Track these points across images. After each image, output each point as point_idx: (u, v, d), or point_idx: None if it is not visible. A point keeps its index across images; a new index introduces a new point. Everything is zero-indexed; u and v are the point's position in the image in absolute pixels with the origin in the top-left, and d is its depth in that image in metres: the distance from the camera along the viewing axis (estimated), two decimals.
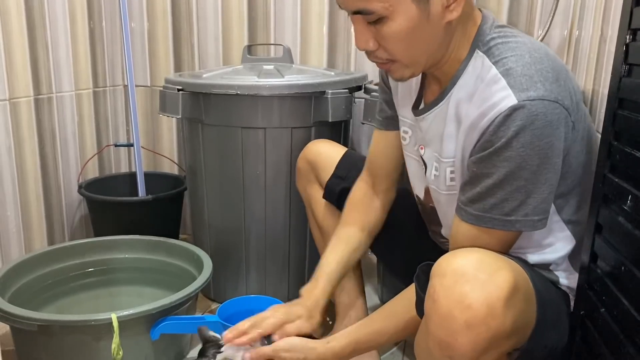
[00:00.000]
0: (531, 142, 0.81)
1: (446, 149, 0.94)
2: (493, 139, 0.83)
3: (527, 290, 0.83)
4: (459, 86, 0.91)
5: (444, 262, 0.81)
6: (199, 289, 1.34)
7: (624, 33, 0.75)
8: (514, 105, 0.80)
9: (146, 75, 2.09)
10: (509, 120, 0.81)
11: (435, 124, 0.96)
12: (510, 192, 0.84)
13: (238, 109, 1.50)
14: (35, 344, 1.25)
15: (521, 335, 0.82)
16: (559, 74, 0.84)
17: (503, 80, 0.83)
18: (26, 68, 1.70)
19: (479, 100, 0.86)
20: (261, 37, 1.95)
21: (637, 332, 0.66)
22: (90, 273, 1.58)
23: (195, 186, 1.67)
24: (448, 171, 0.95)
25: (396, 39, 0.86)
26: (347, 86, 1.54)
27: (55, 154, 1.85)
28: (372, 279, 1.79)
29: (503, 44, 0.88)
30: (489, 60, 0.87)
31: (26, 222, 1.75)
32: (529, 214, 0.85)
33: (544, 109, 0.80)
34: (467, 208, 0.88)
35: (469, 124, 0.87)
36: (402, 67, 0.91)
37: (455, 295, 0.76)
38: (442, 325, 0.78)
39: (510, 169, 0.82)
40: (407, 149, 1.10)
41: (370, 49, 0.88)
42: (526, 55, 0.85)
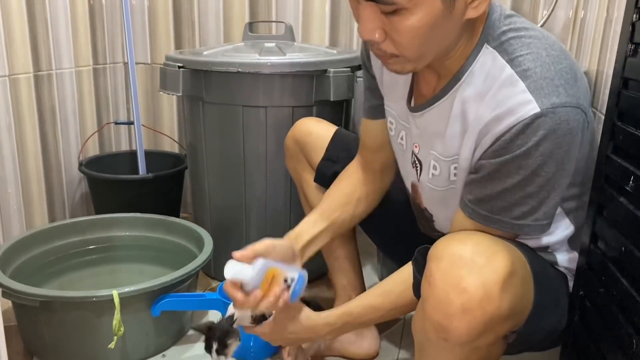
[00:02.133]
0: (551, 151, 0.78)
1: (449, 147, 0.90)
2: (510, 147, 0.79)
3: (525, 274, 0.83)
4: (465, 83, 0.85)
5: (441, 246, 0.81)
6: (199, 266, 1.35)
7: (631, 12, 0.74)
8: (536, 113, 0.76)
9: (146, 53, 2.08)
10: (529, 129, 0.77)
11: (436, 122, 0.91)
12: (522, 197, 0.82)
13: (239, 87, 1.49)
14: (37, 319, 1.26)
15: (518, 319, 0.82)
16: (576, 73, 0.80)
17: (521, 83, 0.78)
18: (25, 44, 1.69)
19: (492, 102, 0.81)
20: (263, 15, 1.93)
21: (636, 312, 0.66)
22: (91, 250, 1.59)
23: (195, 164, 1.67)
24: (452, 168, 0.91)
25: (411, 34, 0.77)
26: (349, 65, 1.53)
27: (56, 131, 1.85)
28: (372, 259, 1.79)
29: (516, 38, 0.81)
30: (501, 58, 0.81)
31: (27, 200, 1.75)
32: (539, 219, 0.83)
33: (566, 116, 0.77)
34: (475, 207, 0.86)
35: (482, 126, 0.82)
36: (405, 61, 0.83)
37: (452, 279, 0.76)
38: (438, 309, 0.78)
39: (526, 175, 0.80)
40: (394, 140, 1.06)
41: (376, 40, 0.80)
42: (543, 53, 0.79)
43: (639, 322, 0.66)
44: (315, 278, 1.72)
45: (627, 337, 0.67)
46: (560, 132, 0.77)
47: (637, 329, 0.66)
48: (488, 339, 0.80)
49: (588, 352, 0.81)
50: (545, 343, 0.94)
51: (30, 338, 1.32)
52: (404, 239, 1.22)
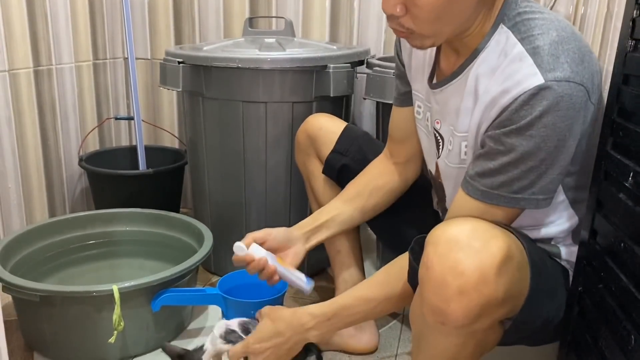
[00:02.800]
0: (553, 124, 0.80)
1: (461, 123, 0.93)
2: (514, 117, 0.81)
3: (521, 260, 0.83)
4: (480, 60, 0.89)
5: (438, 231, 0.82)
6: (199, 261, 1.35)
7: (631, 8, 0.74)
8: (540, 84, 0.79)
9: (146, 48, 2.07)
10: (534, 100, 0.79)
11: (453, 98, 0.94)
12: (524, 171, 0.83)
13: (239, 82, 1.49)
14: (37, 314, 1.26)
15: (514, 303, 0.83)
16: (584, 55, 0.82)
17: (530, 59, 0.81)
18: (25, 39, 1.68)
19: (501, 76, 0.84)
20: (263, 10, 1.93)
21: (634, 308, 0.67)
22: (91, 245, 1.59)
23: (195, 160, 1.67)
24: (463, 145, 0.94)
25: (429, 8, 0.82)
26: (349, 60, 1.53)
27: (56, 126, 1.85)
28: (371, 254, 1.80)
29: (530, 20, 0.85)
30: (514, 37, 0.85)
31: (27, 195, 1.75)
32: (535, 193, 0.85)
33: (569, 90, 0.79)
34: (475, 182, 0.88)
35: (489, 99, 0.86)
36: (422, 37, 0.87)
37: (449, 262, 0.78)
38: (435, 292, 0.79)
39: (528, 148, 0.81)
40: (420, 123, 1.09)
41: (397, 14, 0.84)
42: (553, 33, 0.83)
43: (637, 318, 0.66)
44: (316, 272, 1.72)
45: (626, 332, 0.68)
46: (562, 105, 0.79)
47: (636, 324, 0.66)
48: (485, 322, 0.81)
49: (586, 347, 0.81)
50: (542, 335, 0.94)
51: (30, 333, 1.33)
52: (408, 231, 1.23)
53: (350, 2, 1.85)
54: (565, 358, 0.90)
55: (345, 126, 1.32)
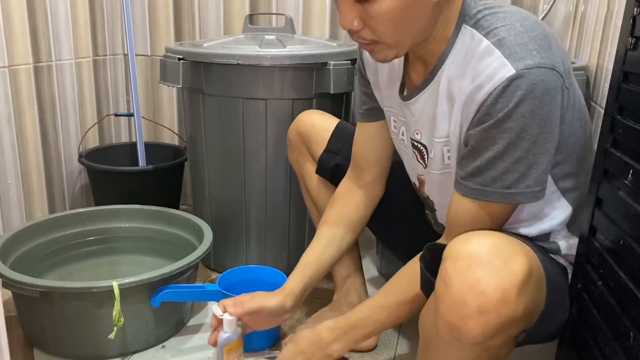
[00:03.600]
0: (531, 112, 0.80)
1: (439, 128, 0.93)
2: (492, 112, 0.82)
3: (539, 275, 0.83)
4: (448, 63, 0.89)
5: (457, 246, 0.80)
6: (199, 258, 1.35)
7: (632, 6, 0.74)
8: (511, 75, 0.79)
9: (146, 44, 2.07)
10: (507, 91, 0.80)
11: (428, 105, 0.94)
12: (511, 163, 0.83)
13: (239, 79, 1.49)
14: (37, 310, 1.26)
15: (531, 319, 0.83)
16: (551, 41, 0.83)
17: (497, 51, 0.82)
18: (25, 35, 1.68)
19: (472, 74, 0.85)
20: (263, 7, 1.93)
21: (633, 305, 0.67)
22: (91, 242, 1.59)
23: (195, 157, 1.67)
24: (445, 150, 0.94)
25: (385, 19, 0.83)
26: (350, 57, 1.53)
27: (56, 122, 1.85)
28: (370, 251, 1.80)
29: (491, 15, 0.86)
30: (478, 34, 0.85)
31: (27, 191, 1.75)
32: (530, 186, 0.85)
33: (542, 76, 0.79)
34: (467, 182, 0.88)
35: (464, 99, 0.86)
36: (386, 48, 0.88)
37: (469, 280, 0.76)
38: (453, 309, 0.77)
39: (511, 139, 0.82)
40: (395, 138, 1.09)
41: (355, 28, 0.86)
42: (517, 23, 0.83)
43: (636, 315, 0.66)
44: None
45: (625, 330, 0.68)
46: (537, 91, 0.79)
47: (635, 321, 0.66)
48: (501, 339, 0.80)
49: (585, 344, 0.81)
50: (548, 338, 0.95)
51: (30, 328, 1.33)
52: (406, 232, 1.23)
53: None
54: (564, 355, 0.91)
55: (337, 123, 1.31)
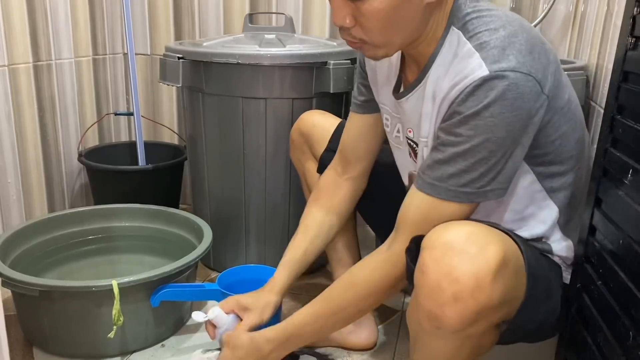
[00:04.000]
0: (500, 113, 0.80)
1: (423, 128, 0.94)
2: (461, 109, 0.83)
3: (517, 264, 0.83)
4: (436, 65, 0.90)
5: (434, 235, 0.82)
6: (199, 257, 1.35)
7: (632, 5, 0.74)
8: (485, 75, 0.80)
9: (146, 44, 2.07)
10: (479, 90, 0.81)
11: (416, 105, 0.96)
12: (473, 163, 0.84)
13: (239, 78, 1.49)
14: (36, 309, 1.26)
15: (510, 308, 0.83)
16: (533, 47, 0.83)
17: (477, 54, 0.83)
18: (25, 34, 1.68)
19: (452, 74, 0.86)
20: (263, 6, 1.93)
21: (633, 304, 0.67)
22: (90, 240, 1.59)
23: (195, 156, 1.67)
24: (425, 151, 0.95)
25: (375, 18, 0.84)
26: (349, 57, 1.53)
27: (55, 121, 1.85)
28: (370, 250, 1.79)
29: (477, 18, 0.87)
30: (463, 36, 0.86)
31: (26, 190, 1.75)
32: (484, 186, 0.85)
33: (515, 80, 0.80)
34: (424, 175, 0.88)
35: (442, 96, 0.87)
36: (374, 47, 0.89)
37: (444, 268, 0.78)
38: (430, 297, 0.79)
39: (477, 139, 0.82)
40: (389, 136, 1.10)
41: (346, 25, 0.86)
42: (500, 29, 0.84)
43: (635, 315, 0.66)
44: (314, 269, 1.72)
45: (624, 329, 0.68)
46: (509, 95, 0.80)
47: (634, 321, 0.66)
48: (480, 327, 0.81)
49: (584, 344, 0.81)
50: (538, 334, 0.95)
51: (29, 327, 1.33)
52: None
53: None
54: (563, 354, 0.91)
55: (339, 123, 1.32)
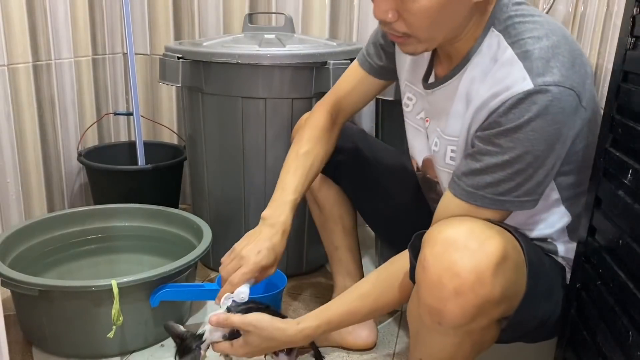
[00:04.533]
0: (542, 128, 0.80)
1: (451, 127, 0.93)
2: (502, 120, 0.82)
3: (518, 260, 0.84)
4: (472, 65, 0.89)
5: (435, 231, 0.82)
6: (198, 257, 1.35)
7: (631, 5, 0.74)
8: (529, 89, 0.79)
9: (146, 43, 2.07)
10: (522, 104, 0.80)
11: (443, 100, 0.95)
12: (511, 174, 0.83)
13: (238, 78, 1.49)
14: (36, 309, 1.26)
15: (510, 303, 0.84)
16: (574, 59, 0.82)
17: (520, 63, 0.82)
18: (24, 34, 1.68)
19: (491, 81, 0.84)
20: (262, 6, 1.93)
21: (632, 304, 0.67)
22: (90, 240, 1.59)
23: (195, 156, 1.67)
24: (449, 149, 0.95)
25: (423, 15, 0.82)
26: (349, 57, 1.53)
27: (55, 121, 1.84)
28: (370, 251, 1.80)
29: (520, 23, 0.85)
30: (505, 41, 0.85)
31: (26, 189, 1.75)
32: (520, 196, 0.85)
33: (559, 95, 0.79)
34: (460, 182, 0.88)
35: (479, 103, 0.86)
36: (416, 42, 0.87)
37: (445, 263, 0.78)
38: (431, 293, 0.80)
39: (517, 151, 0.82)
40: (409, 116, 1.08)
41: (389, 20, 0.84)
42: (544, 37, 0.83)
43: (635, 315, 0.66)
44: (314, 269, 1.72)
45: (624, 329, 0.68)
46: (551, 109, 0.79)
47: (634, 321, 0.66)
48: (481, 322, 0.81)
49: (584, 344, 0.81)
50: (539, 333, 0.95)
51: (29, 327, 1.33)
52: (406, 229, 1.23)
53: None
54: (563, 354, 0.91)
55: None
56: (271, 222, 1.10)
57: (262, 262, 1.06)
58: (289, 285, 1.53)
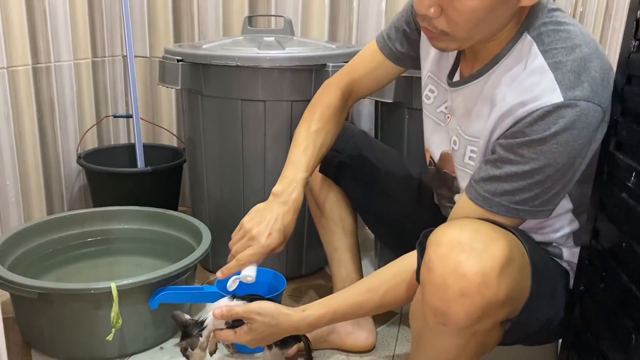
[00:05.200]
0: (566, 142, 0.80)
1: (473, 127, 0.92)
2: (528, 131, 0.81)
3: (523, 262, 0.83)
4: (501, 68, 0.88)
5: (440, 232, 0.82)
6: (197, 259, 1.35)
7: (635, 8, 0.74)
8: (558, 103, 0.79)
9: (145, 46, 2.07)
10: (550, 117, 0.79)
11: (467, 100, 0.94)
12: (530, 184, 0.83)
13: (238, 80, 1.49)
14: (35, 311, 1.26)
15: (515, 305, 0.83)
16: (604, 74, 0.82)
17: (550, 74, 0.81)
18: (24, 36, 1.68)
19: (519, 88, 0.83)
20: (262, 8, 1.93)
21: (635, 307, 0.67)
22: (89, 243, 1.58)
23: (194, 158, 1.66)
24: (468, 149, 0.94)
25: (469, 15, 0.80)
26: (348, 59, 1.52)
27: (54, 123, 1.84)
28: (369, 253, 1.80)
29: (554, 32, 0.84)
30: (537, 48, 0.84)
31: (25, 192, 1.75)
32: (536, 205, 0.85)
33: (587, 110, 0.79)
34: (478, 187, 0.88)
35: (506, 108, 0.85)
36: (451, 40, 0.85)
37: (450, 264, 0.78)
38: (436, 294, 0.79)
39: (539, 163, 0.81)
40: (429, 109, 1.07)
41: (431, 15, 0.82)
42: (577, 49, 0.82)
43: (638, 317, 0.66)
44: (314, 271, 1.72)
45: (627, 332, 0.68)
46: (578, 125, 0.79)
47: (637, 323, 0.66)
48: (486, 324, 0.81)
49: (588, 346, 0.81)
50: (541, 336, 0.95)
51: (28, 330, 1.32)
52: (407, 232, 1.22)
53: (349, 1, 1.85)
54: (566, 357, 0.91)
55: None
56: (283, 200, 1.06)
57: (272, 245, 1.04)
58: (288, 288, 1.53)
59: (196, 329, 1.08)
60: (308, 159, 1.10)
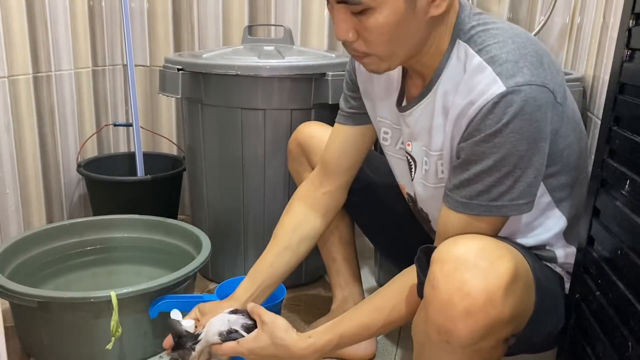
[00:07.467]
0: (521, 128, 0.81)
1: (434, 141, 0.94)
2: (481, 127, 0.82)
3: (527, 279, 0.83)
4: (444, 78, 0.90)
5: (445, 249, 0.81)
6: (197, 268, 1.35)
7: (627, 17, 0.75)
8: (502, 92, 0.80)
9: (145, 55, 2.08)
10: (497, 108, 0.81)
11: (423, 118, 0.96)
12: (499, 178, 0.84)
13: (238, 89, 1.50)
14: (34, 320, 1.26)
15: (519, 322, 0.83)
16: (542, 57, 0.84)
17: (489, 68, 0.83)
18: (25, 45, 1.69)
19: (465, 90, 0.86)
20: (262, 18, 1.94)
21: (632, 315, 0.67)
22: (89, 251, 1.59)
23: (194, 167, 1.67)
24: (439, 164, 0.95)
25: (379, 32, 0.84)
26: None
27: (54, 132, 1.85)
28: (369, 261, 1.80)
29: (484, 31, 0.87)
30: (471, 49, 0.86)
31: (25, 200, 1.75)
32: (515, 199, 0.85)
33: (532, 93, 0.80)
34: (454, 195, 0.88)
35: (457, 113, 0.87)
36: (378, 60, 0.89)
37: (456, 283, 0.77)
38: (441, 312, 0.78)
39: (500, 155, 0.82)
40: (389, 149, 1.10)
41: (349, 40, 0.87)
42: (509, 41, 0.84)
43: (634, 325, 0.66)
44: (313, 280, 1.72)
45: (623, 340, 0.68)
46: (528, 109, 0.80)
47: (633, 331, 0.66)
48: (490, 342, 0.81)
49: (584, 354, 0.81)
50: (543, 345, 0.95)
51: (27, 339, 1.32)
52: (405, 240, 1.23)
53: None
54: None
55: None
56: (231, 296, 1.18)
57: (203, 306, 1.17)
58: (287, 297, 1.53)
59: (190, 341, 1.08)
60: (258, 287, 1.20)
